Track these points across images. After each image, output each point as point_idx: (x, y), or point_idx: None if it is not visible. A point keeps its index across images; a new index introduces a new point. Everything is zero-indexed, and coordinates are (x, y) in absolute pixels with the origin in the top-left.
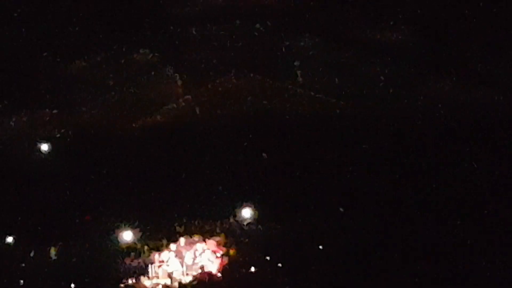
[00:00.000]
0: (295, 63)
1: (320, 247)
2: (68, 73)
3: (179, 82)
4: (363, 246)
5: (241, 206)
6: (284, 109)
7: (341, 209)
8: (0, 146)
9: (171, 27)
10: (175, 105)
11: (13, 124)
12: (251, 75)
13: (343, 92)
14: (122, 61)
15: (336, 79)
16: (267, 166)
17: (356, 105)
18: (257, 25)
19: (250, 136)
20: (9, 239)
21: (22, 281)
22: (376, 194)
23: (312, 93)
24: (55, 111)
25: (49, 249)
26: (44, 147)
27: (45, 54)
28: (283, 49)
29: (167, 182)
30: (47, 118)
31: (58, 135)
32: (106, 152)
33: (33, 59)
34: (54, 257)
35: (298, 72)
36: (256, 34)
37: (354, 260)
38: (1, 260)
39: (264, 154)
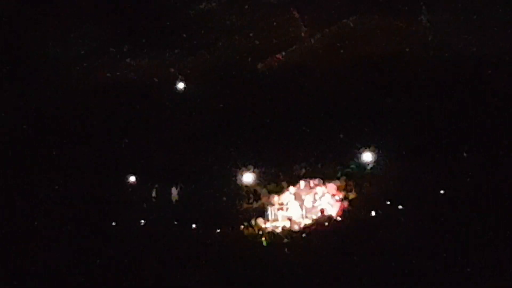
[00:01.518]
0: (422, 4)
1: (442, 191)
2: (196, 15)
3: (303, 25)
4: (485, 192)
5: (362, 150)
6: (409, 51)
7: (465, 154)
8: (125, 86)
9: None
10: (299, 47)
11: (146, 63)
12: (376, 16)
13: (473, 35)
14: (248, 3)
15: (466, 21)
16: (389, 109)
17: (486, 48)
18: None
19: (373, 79)
20: (132, 179)
21: (143, 221)
22: (504, 142)
23: (439, 35)
24: (183, 52)
25: (171, 190)
26: (180, 85)
27: None
28: None
29: (288, 126)
30: (175, 59)
31: (183, 77)
32: (231, 94)
33: (157, 1)
34: (175, 198)
35: (425, 14)
36: None
37: (475, 206)
38: (123, 199)
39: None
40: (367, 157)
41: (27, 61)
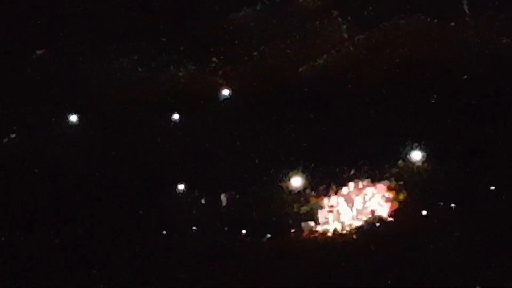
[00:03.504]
0: (463, 2)
1: (492, 187)
2: (232, 23)
3: (344, 27)
4: None
5: (411, 149)
6: (452, 50)
7: None
8: (169, 97)
9: None
10: (340, 50)
11: (181, 74)
12: (418, 16)
13: None
14: (286, 8)
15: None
16: (436, 108)
17: None
18: None
19: (417, 78)
20: (181, 187)
21: (194, 228)
22: None
23: (481, 33)
24: (220, 61)
25: (220, 196)
26: (224, 93)
27: (209, 4)
28: None
29: (334, 128)
30: (213, 68)
31: (222, 82)
32: (273, 98)
33: (197, 9)
34: (224, 204)
35: (466, 12)
36: None
37: None
38: (173, 207)
39: (433, 98)
40: (416, 155)
41: (62, 79)
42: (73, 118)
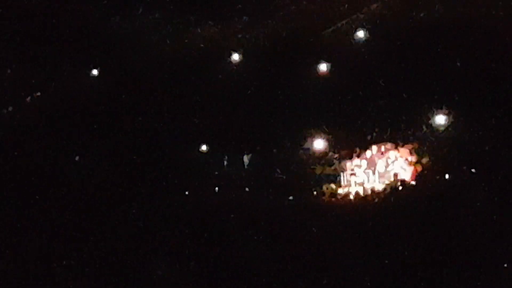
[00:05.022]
0: None
1: None
2: None
3: None
4: None
5: (435, 113)
6: (481, 15)
7: None
8: (191, 57)
9: None
10: (365, 13)
11: (205, 34)
12: None
13: None
14: None
15: None
16: (461, 72)
17: None
18: None
19: (444, 41)
20: (203, 148)
21: (217, 189)
22: None
23: None
24: (245, 20)
25: (242, 157)
26: (235, 57)
27: None
28: None
29: (358, 89)
30: (238, 28)
31: (249, 44)
32: (297, 61)
33: None
34: (247, 165)
35: None
36: None
37: None
38: (196, 168)
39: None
40: (440, 119)
41: (89, 34)
42: (94, 73)
